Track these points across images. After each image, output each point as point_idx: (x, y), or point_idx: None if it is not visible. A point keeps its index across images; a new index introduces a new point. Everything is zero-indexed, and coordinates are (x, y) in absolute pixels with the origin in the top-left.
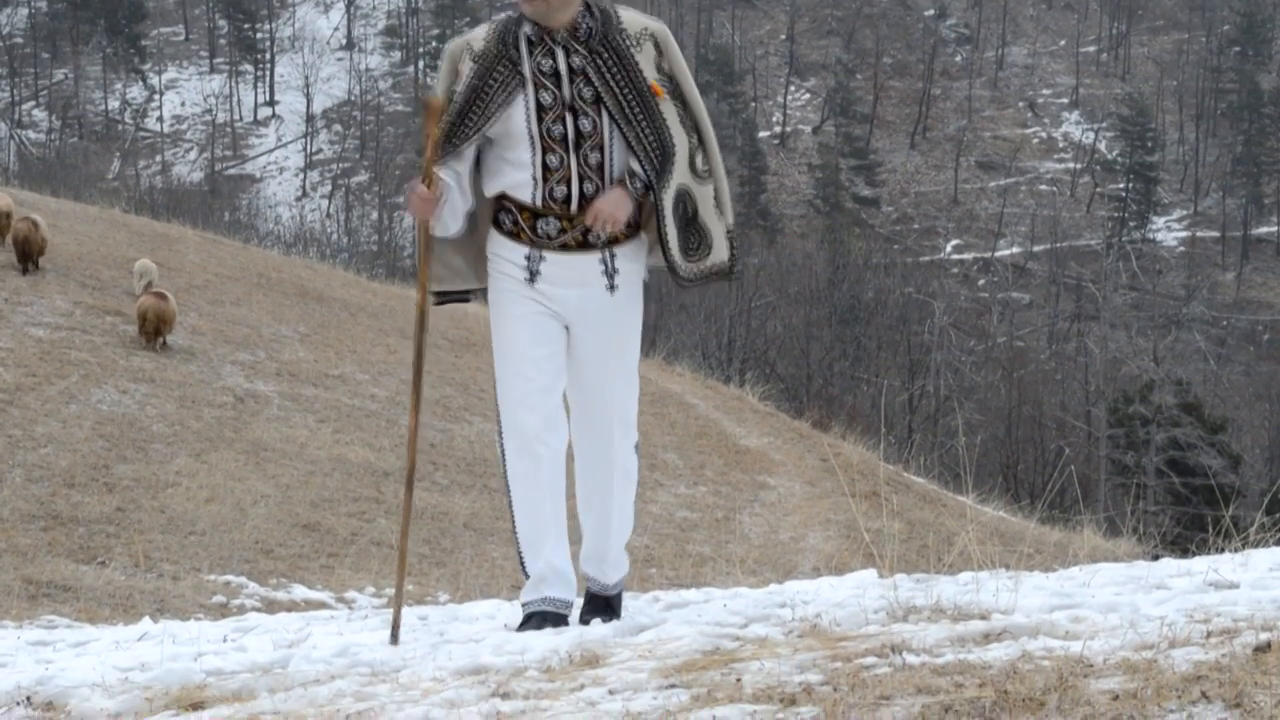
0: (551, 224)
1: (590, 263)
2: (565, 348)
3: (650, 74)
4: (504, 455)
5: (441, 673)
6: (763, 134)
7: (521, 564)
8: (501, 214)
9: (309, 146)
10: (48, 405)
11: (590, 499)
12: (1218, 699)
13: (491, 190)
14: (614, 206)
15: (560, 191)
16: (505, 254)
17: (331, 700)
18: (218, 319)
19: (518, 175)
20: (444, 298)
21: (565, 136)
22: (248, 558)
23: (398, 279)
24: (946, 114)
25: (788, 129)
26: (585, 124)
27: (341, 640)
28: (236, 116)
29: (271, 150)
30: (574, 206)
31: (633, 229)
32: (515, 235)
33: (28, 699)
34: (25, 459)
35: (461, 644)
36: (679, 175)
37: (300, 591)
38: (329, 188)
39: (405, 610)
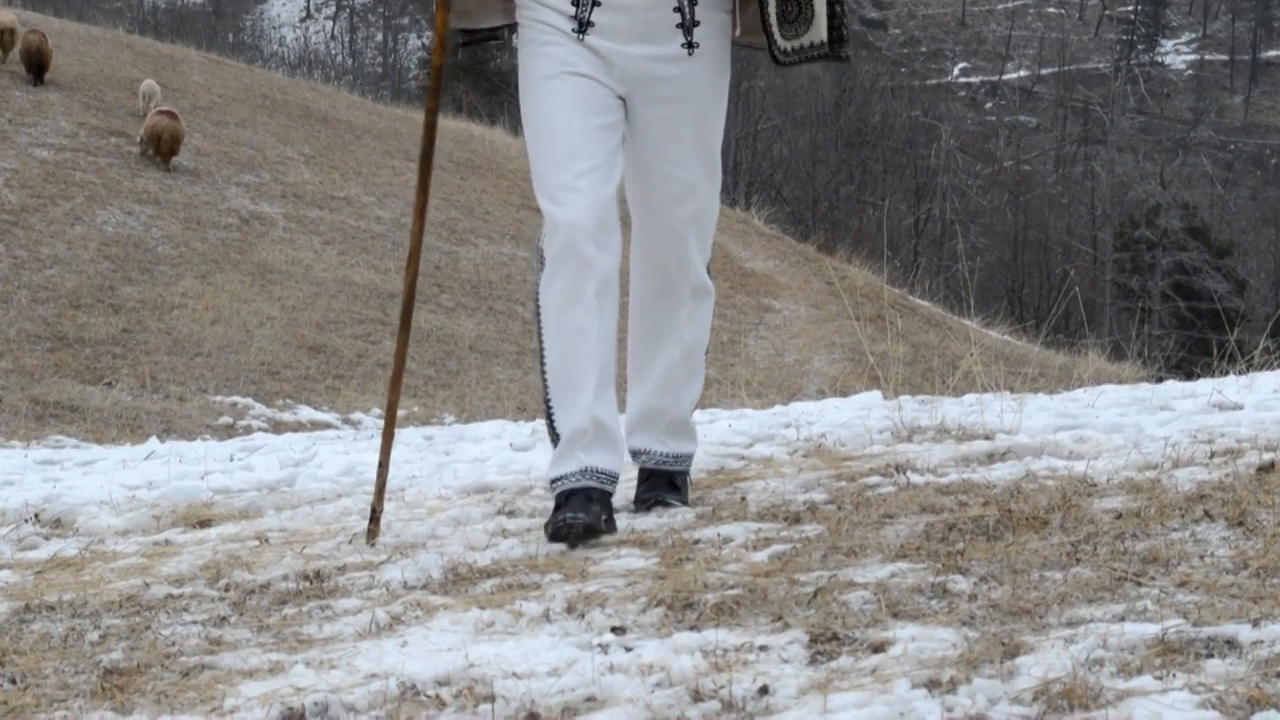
0: None
1: (661, 11)
2: (623, 123)
3: None
4: (541, 264)
5: (447, 491)
6: None
7: (550, 421)
8: None
9: None
10: (53, 226)
11: (648, 344)
12: (1220, 518)
13: None
14: None
15: None
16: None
17: (338, 518)
18: (222, 140)
19: None
20: (471, 36)
21: None
22: (254, 379)
23: (403, 101)
24: None
25: None
26: None
27: (348, 459)
28: None
29: None
30: None
31: None
32: None
33: (35, 516)
34: (31, 280)
35: (467, 463)
36: None
37: (306, 413)
38: (333, 9)
39: (410, 432)
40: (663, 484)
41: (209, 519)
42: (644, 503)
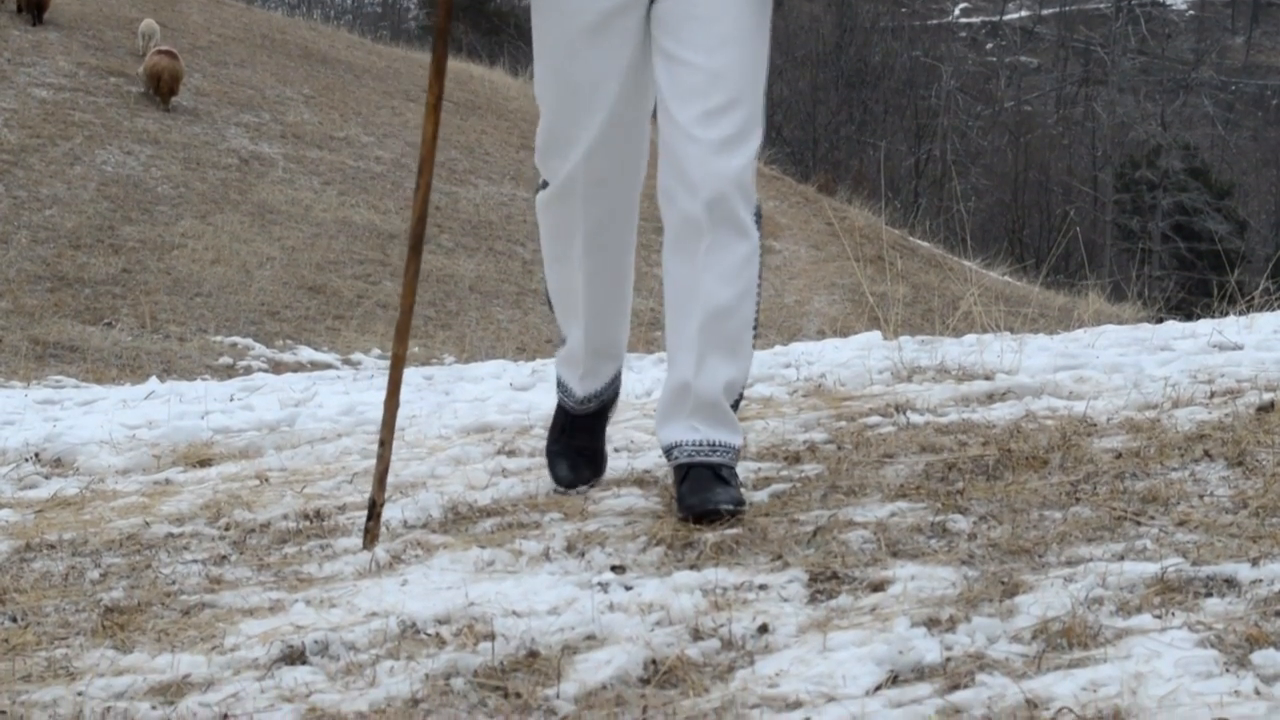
0: None
1: None
2: (642, 59)
3: None
4: (540, 203)
5: (447, 430)
6: None
7: (551, 310)
8: None
9: None
10: (52, 166)
11: (673, 301)
12: (1220, 457)
13: None
14: None
15: None
16: None
17: (337, 458)
18: (222, 80)
19: None
20: None
21: None
22: (254, 319)
23: (402, 41)
24: None
25: None
26: None
27: (347, 399)
28: None
29: None
30: None
31: None
32: None
33: (36, 455)
34: (31, 220)
35: (467, 403)
36: None
37: (306, 353)
38: None
39: (410, 372)
40: (706, 478)
41: (209, 458)
42: (690, 509)
